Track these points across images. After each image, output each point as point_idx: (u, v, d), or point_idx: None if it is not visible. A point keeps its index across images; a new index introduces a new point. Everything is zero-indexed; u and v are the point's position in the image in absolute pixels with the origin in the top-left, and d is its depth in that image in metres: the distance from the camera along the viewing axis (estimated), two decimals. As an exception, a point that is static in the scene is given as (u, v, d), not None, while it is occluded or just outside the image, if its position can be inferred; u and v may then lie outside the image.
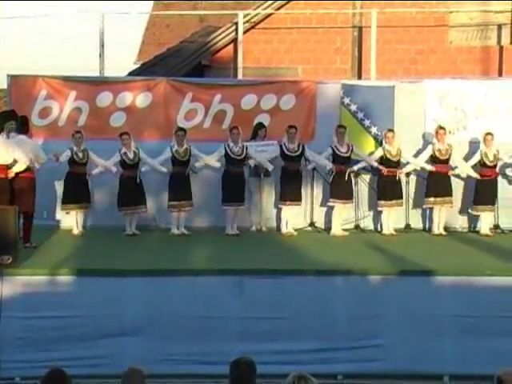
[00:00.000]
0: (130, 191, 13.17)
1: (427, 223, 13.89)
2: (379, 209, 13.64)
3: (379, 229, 13.77)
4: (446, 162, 13.44)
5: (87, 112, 13.96)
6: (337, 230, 13.46)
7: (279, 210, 13.64)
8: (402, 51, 16.56)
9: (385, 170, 13.42)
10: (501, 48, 16.60)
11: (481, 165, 13.40)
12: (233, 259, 11.19)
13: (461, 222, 13.94)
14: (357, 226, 13.87)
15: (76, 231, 13.20)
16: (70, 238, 12.82)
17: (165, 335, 10.24)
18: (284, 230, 13.47)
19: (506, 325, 10.16)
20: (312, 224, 13.82)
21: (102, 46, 15.03)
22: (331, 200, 13.51)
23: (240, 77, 15.46)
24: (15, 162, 11.72)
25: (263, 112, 13.99)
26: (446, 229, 13.56)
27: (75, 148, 13.09)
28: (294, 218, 13.58)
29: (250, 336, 10.13)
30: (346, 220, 13.89)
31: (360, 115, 13.87)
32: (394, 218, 13.65)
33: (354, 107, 13.89)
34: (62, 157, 12.98)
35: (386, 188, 13.53)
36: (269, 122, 13.87)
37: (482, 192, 13.41)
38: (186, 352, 10.25)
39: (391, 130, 13.48)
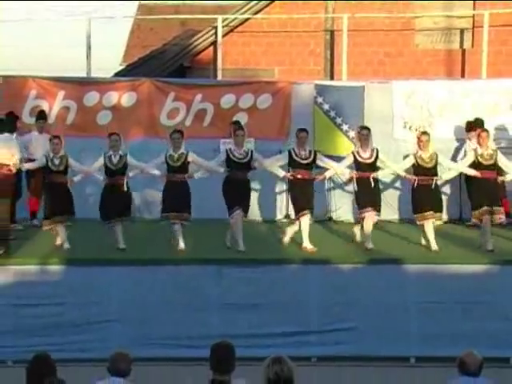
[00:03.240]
0: (114, 201, 11.09)
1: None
2: (418, 223, 11.40)
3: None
4: (492, 168, 11.22)
5: (75, 111, 13.88)
6: (368, 243, 11.26)
7: (298, 223, 11.43)
8: (372, 53, 16.60)
9: (414, 180, 11.23)
10: (463, 51, 16.70)
11: None
12: (213, 249, 11.17)
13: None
14: (330, 218, 13.89)
15: (66, 245, 11.19)
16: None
17: (149, 321, 10.27)
18: (309, 245, 11.11)
19: (467, 310, 10.27)
20: (287, 216, 13.83)
21: (89, 48, 14.94)
22: (360, 211, 11.38)
23: (219, 77, 15.43)
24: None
25: (241, 111, 13.98)
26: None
27: (51, 154, 11.21)
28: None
29: (229, 321, 10.17)
30: (319, 212, 13.92)
31: (332, 113, 13.89)
32: (431, 233, 11.25)
33: (326, 106, 13.92)
34: (34, 163, 11.68)
35: (422, 199, 11.21)
36: (247, 120, 13.85)
37: None
38: (170, 336, 10.28)
39: (426, 133, 11.48)
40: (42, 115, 13.42)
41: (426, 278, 10.47)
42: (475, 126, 12.78)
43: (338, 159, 12.32)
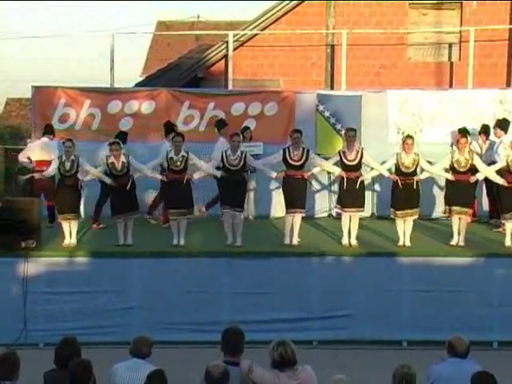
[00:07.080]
0: (120, 198, 10.80)
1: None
2: (392, 216, 11.02)
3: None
4: (466, 172, 10.84)
5: (100, 118, 13.92)
6: (344, 240, 10.98)
7: (286, 219, 11.06)
8: (368, 66, 16.57)
9: (397, 180, 10.79)
10: (451, 64, 16.66)
11: (508, 172, 10.89)
12: (224, 243, 11.17)
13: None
14: (329, 215, 13.89)
15: (67, 241, 10.92)
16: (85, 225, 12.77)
17: (166, 308, 10.30)
18: (287, 241, 10.99)
19: (455, 298, 10.27)
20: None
21: (112, 61, 14.94)
22: (338, 207, 11.19)
23: (230, 87, 15.43)
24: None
25: (250, 117, 13.99)
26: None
27: (64, 157, 10.83)
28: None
29: (238, 308, 10.19)
30: (320, 209, 13.94)
31: (332, 120, 13.89)
32: (409, 228, 10.94)
33: (327, 113, 13.91)
34: (48, 172, 11.20)
35: (401, 197, 10.82)
36: (255, 125, 13.86)
37: (509, 200, 10.84)
38: (185, 322, 10.30)
39: (410, 137, 11.02)
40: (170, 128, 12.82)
41: (416, 269, 10.47)
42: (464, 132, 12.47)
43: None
